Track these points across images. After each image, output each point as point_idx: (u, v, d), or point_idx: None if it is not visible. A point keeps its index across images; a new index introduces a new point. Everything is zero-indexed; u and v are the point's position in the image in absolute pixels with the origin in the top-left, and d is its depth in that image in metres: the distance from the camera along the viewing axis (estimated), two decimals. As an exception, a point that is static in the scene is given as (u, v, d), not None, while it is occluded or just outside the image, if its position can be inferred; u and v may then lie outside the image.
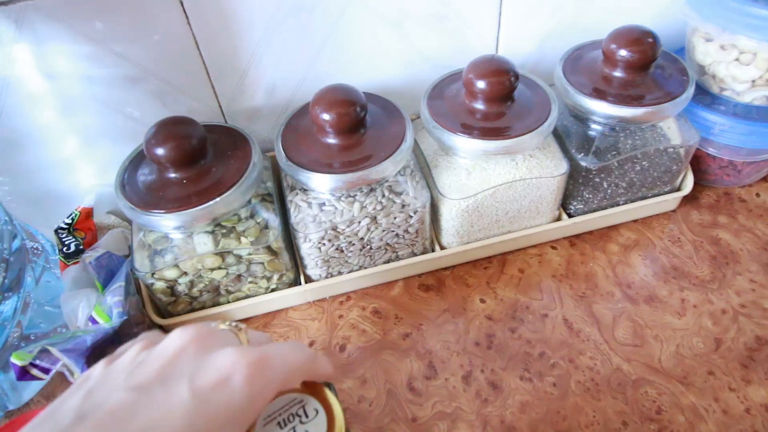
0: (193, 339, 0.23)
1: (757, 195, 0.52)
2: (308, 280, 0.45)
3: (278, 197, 0.44)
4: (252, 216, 0.42)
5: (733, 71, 0.44)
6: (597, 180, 0.46)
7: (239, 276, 0.42)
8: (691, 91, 0.43)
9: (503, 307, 0.45)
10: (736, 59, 0.43)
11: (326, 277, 0.45)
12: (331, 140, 0.40)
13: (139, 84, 0.43)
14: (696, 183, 0.52)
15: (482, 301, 0.46)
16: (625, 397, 0.39)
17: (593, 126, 0.45)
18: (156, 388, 0.21)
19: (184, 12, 0.40)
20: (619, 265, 0.47)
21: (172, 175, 0.38)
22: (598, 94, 0.43)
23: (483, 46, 0.49)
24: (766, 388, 0.39)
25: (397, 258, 0.46)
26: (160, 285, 0.41)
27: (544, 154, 0.44)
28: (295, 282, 0.45)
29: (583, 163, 0.44)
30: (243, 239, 0.40)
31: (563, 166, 0.44)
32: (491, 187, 0.42)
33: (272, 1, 0.42)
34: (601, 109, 0.42)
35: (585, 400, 0.39)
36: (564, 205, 0.48)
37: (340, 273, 0.45)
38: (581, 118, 0.45)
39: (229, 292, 0.44)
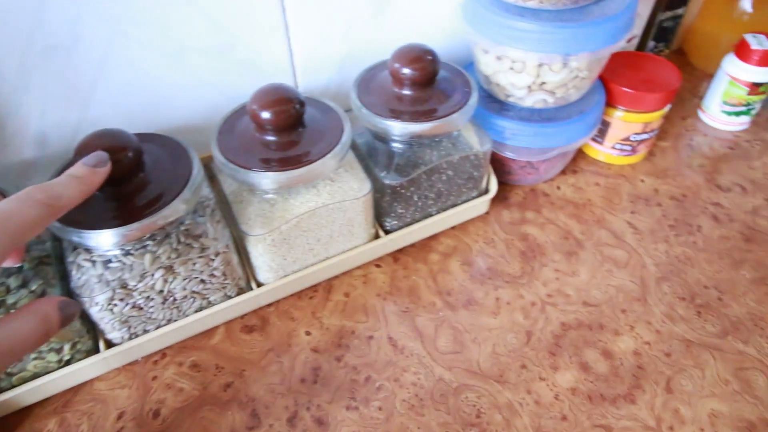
0: None
1: (558, 188, 0.56)
2: (109, 345, 0.41)
3: (58, 258, 0.40)
4: (24, 284, 0.37)
5: (511, 79, 0.47)
6: (407, 194, 0.46)
7: (18, 356, 0.37)
8: (474, 100, 0.45)
9: (329, 336, 0.44)
10: (511, 68, 0.46)
11: (130, 338, 0.41)
12: (108, 190, 0.37)
13: None
14: (503, 183, 0.56)
15: (308, 333, 0.44)
16: (448, 406, 0.40)
17: (393, 144, 0.46)
18: None
19: None
20: (440, 273, 0.48)
21: None
22: (392, 113, 0.43)
23: (280, 73, 0.48)
24: (570, 372, 0.41)
25: (210, 304, 0.43)
26: None
27: (347, 177, 0.43)
28: (95, 349, 0.41)
29: (386, 181, 0.44)
30: (11, 315, 0.35)
31: (366, 187, 0.44)
32: (294, 217, 0.41)
33: (19, 42, 0.37)
34: (396, 127, 0.43)
35: (409, 418, 0.39)
36: (381, 222, 0.49)
37: (145, 331, 0.41)
38: (381, 137, 0.46)
39: (9, 375, 0.38)
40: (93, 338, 0.41)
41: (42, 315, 0.24)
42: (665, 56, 0.65)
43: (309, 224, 0.42)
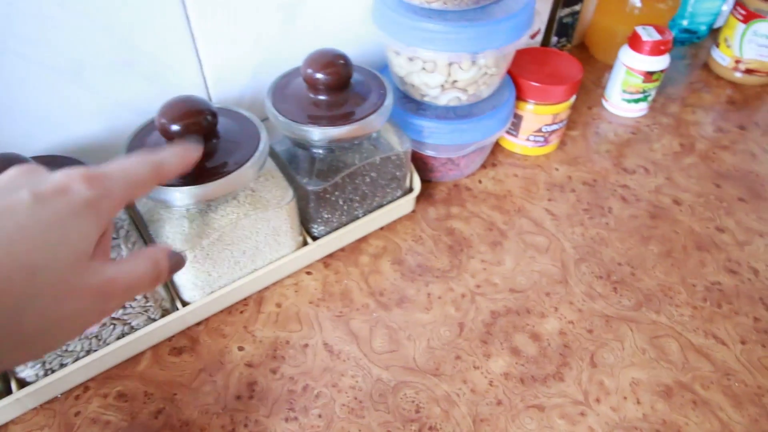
0: (27, 167, 0.24)
1: (480, 182, 0.58)
2: (22, 384, 0.38)
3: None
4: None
5: (424, 79, 0.48)
6: (332, 199, 0.46)
7: None
8: (390, 100, 0.45)
9: (263, 349, 0.43)
10: (423, 68, 0.47)
11: (45, 375, 0.38)
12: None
13: None
14: (427, 181, 0.57)
15: (240, 348, 0.43)
16: (387, 405, 0.40)
17: (313, 150, 0.45)
18: None
19: None
20: (371, 275, 0.49)
21: None
22: (309, 119, 0.43)
23: (190, 84, 0.47)
24: (502, 357, 0.43)
25: (132, 329, 0.41)
26: None
27: (268, 185, 0.43)
28: (6, 390, 0.38)
29: (309, 187, 0.44)
30: None
31: (288, 194, 0.43)
32: (215, 231, 0.40)
33: None
34: (314, 133, 0.43)
35: (350, 422, 0.39)
36: (308, 228, 0.48)
37: (62, 365, 0.39)
38: (300, 144, 0.45)
39: None
40: (3, 379, 0.38)
41: (154, 260, 0.26)
42: (568, 50, 0.69)
43: (232, 237, 0.41)
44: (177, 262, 0.28)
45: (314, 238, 0.48)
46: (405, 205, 0.52)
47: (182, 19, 0.43)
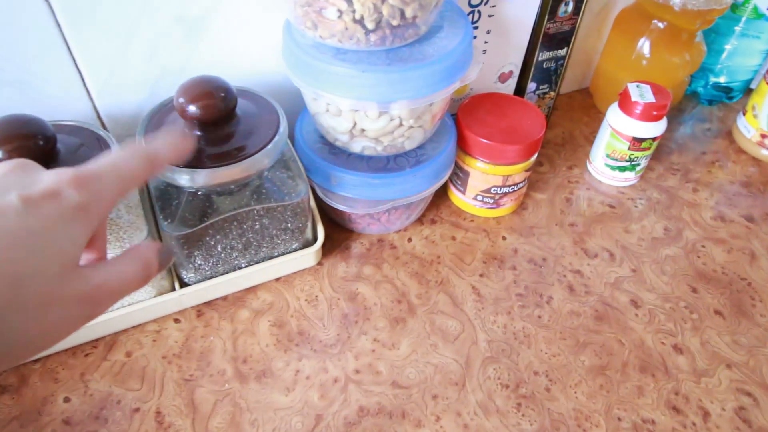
0: (18, 164, 0.23)
1: (409, 240, 0.50)
2: None
3: None
4: None
5: (330, 122, 0.41)
6: (204, 245, 0.41)
7: None
8: (281, 140, 0.39)
9: (89, 405, 0.38)
10: (327, 110, 0.40)
11: None
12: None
13: None
14: (348, 231, 0.50)
15: (67, 400, 0.38)
16: (193, 506, 0.34)
17: (185, 189, 0.40)
18: None
19: None
20: (243, 335, 0.43)
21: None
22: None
23: (70, 96, 0.42)
24: (351, 471, 0.36)
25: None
26: None
27: (116, 225, 0.38)
28: None
29: (167, 231, 0.39)
30: None
31: (139, 237, 0.38)
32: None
33: None
34: (179, 177, 0.37)
35: None
36: (178, 273, 0.43)
37: None
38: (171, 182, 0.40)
39: None
40: None
41: (144, 259, 0.25)
42: (550, 100, 0.59)
43: (65, 278, 0.36)
44: (166, 258, 0.27)
45: (184, 284, 0.43)
46: (303, 259, 0.46)
47: (53, 27, 0.38)
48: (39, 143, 0.34)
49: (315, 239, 0.46)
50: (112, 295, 0.23)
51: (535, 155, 0.49)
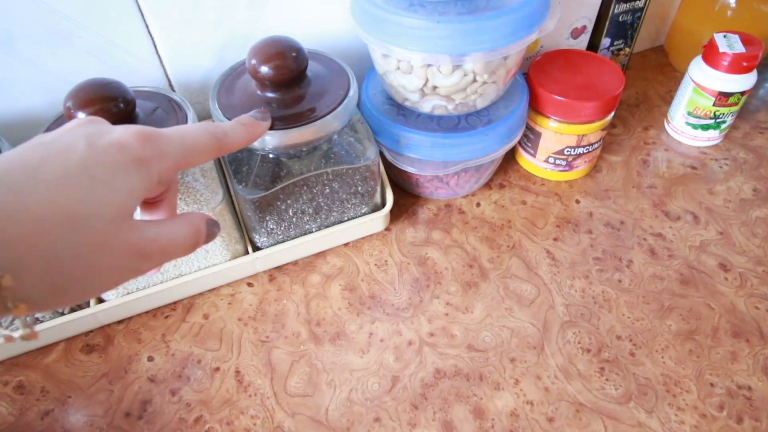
0: (92, 118, 0.24)
1: (478, 205, 0.49)
2: None
3: None
4: None
5: (400, 80, 0.40)
6: (276, 209, 0.41)
7: None
8: (351, 102, 0.38)
9: (172, 365, 0.39)
10: (398, 68, 0.39)
11: (-59, 355, 0.37)
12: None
13: None
14: (415, 197, 0.49)
15: (150, 359, 0.40)
16: (276, 461, 0.34)
17: (256, 152, 0.40)
18: (55, 142, 0.22)
19: None
20: (315, 299, 0.43)
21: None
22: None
23: (141, 62, 0.43)
24: (429, 431, 0.35)
25: (46, 317, 0.39)
26: None
27: (197, 186, 0.38)
28: None
29: (242, 194, 0.39)
30: None
31: (216, 199, 0.38)
32: (124, 231, 0.36)
33: None
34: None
35: (229, 472, 0.34)
36: (251, 237, 0.43)
37: (-40, 347, 0.38)
38: (246, 142, 0.40)
39: None
40: None
41: (195, 225, 0.25)
42: (626, 57, 0.56)
43: (147, 239, 0.37)
44: (213, 230, 0.27)
45: (257, 249, 0.43)
46: (373, 223, 0.45)
47: (126, -8, 0.39)
48: (120, 106, 0.34)
49: (383, 204, 0.45)
50: (162, 253, 0.24)
51: (613, 113, 0.46)
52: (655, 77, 0.61)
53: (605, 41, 0.51)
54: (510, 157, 0.52)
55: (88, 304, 0.40)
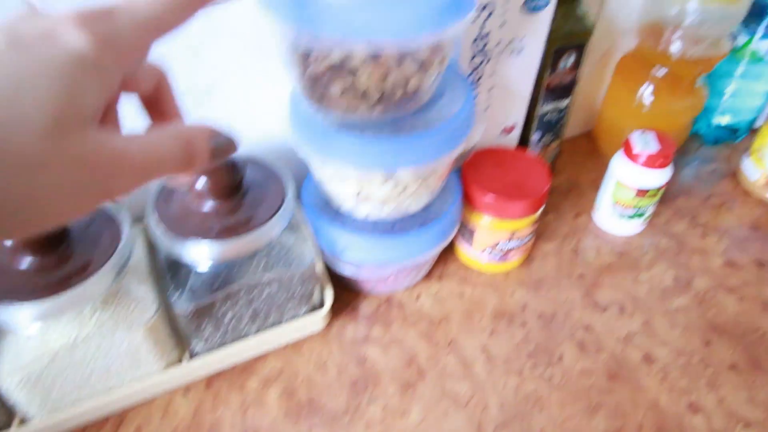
0: (24, 13, 0.19)
1: (418, 298, 0.50)
2: None
3: None
4: None
5: (336, 187, 0.41)
6: (214, 316, 0.40)
7: None
8: (289, 207, 0.39)
9: (98, 487, 0.38)
10: (333, 177, 0.41)
11: None
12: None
13: None
14: (355, 292, 0.50)
15: (75, 481, 0.38)
16: None
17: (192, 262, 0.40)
18: None
19: None
20: (252, 407, 0.42)
21: None
22: (183, 230, 0.38)
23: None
24: None
25: (-52, 450, 0.37)
26: None
27: (125, 300, 0.37)
28: None
29: (176, 306, 0.38)
30: None
31: (147, 314, 0.38)
32: (48, 353, 0.35)
33: None
34: (188, 253, 0.37)
35: None
36: (187, 344, 0.42)
37: None
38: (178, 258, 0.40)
39: None
40: None
41: (186, 139, 0.21)
42: (556, 148, 0.59)
43: (74, 359, 0.36)
44: (223, 146, 0.22)
45: (193, 355, 0.42)
46: (312, 323, 0.45)
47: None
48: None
49: (322, 303, 0.46)
50: (136, 170, 0.20)
51: (542, 208, 0.49)
52: (584, 164, 0.65)
53: (535, 136, 0.55)
54: (449, 246, 0.54)
55: (8, 425, 0.38)
